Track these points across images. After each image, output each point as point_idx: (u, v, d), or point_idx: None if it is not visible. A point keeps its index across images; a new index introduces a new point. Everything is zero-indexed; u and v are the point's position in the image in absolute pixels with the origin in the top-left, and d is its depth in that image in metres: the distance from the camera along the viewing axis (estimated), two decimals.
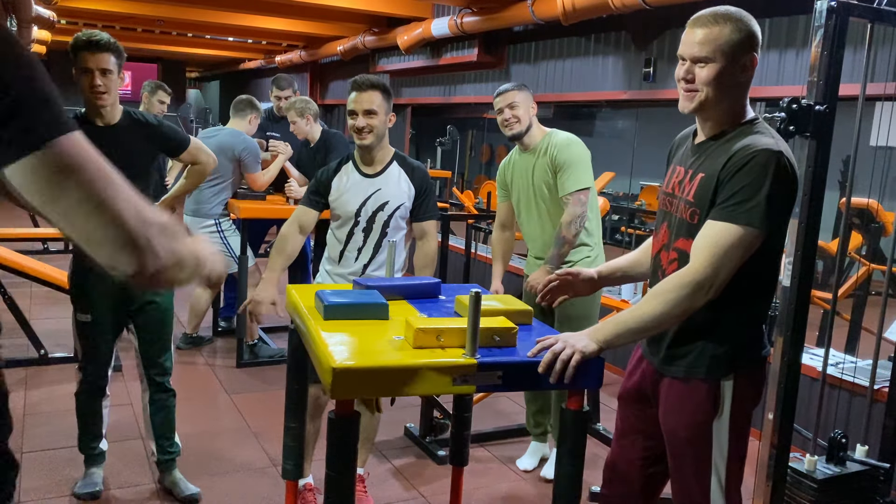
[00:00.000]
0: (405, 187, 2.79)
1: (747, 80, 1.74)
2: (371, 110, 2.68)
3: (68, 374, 4.36)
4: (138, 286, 0.97)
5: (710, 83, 1.71)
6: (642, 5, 4.28)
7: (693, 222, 1.77)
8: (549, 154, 3.17)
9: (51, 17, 7.28)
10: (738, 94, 1.75)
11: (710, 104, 1.73)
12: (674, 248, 1.84)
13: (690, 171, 1.81)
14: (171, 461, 3.04)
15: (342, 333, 1.72)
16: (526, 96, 3.22)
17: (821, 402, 2.88)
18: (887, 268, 3.18)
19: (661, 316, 1.67)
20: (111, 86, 2.64)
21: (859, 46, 3.35)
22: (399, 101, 8.56)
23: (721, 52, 1.69)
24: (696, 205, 1.76)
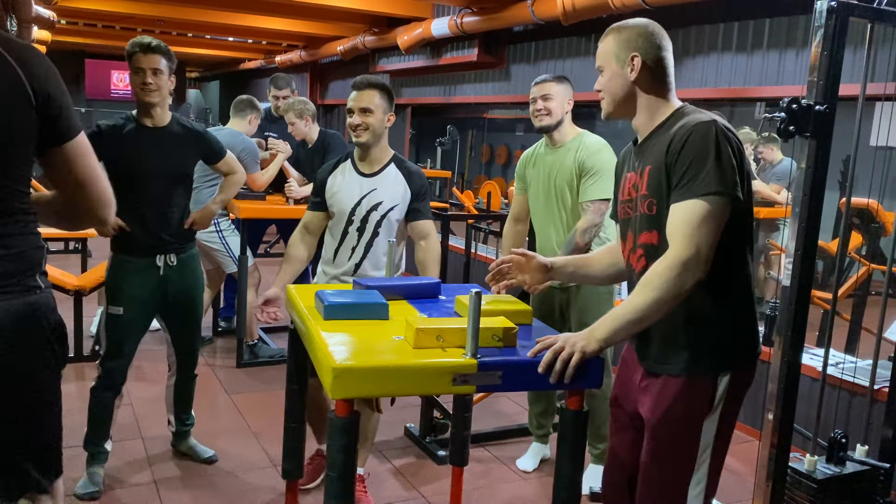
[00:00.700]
0: (401, 189, 2.79)
1: (641, 77, 1.83)
2: (367, 108, 2.70)
3: (68, 374, 4.36)
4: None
5: (605, 88, 1.87)
6: (642, 5, 4.28)
7: (652, 213, 1.79)
8: (578, 156, 3.06)
9: (51, 17, 7.28)
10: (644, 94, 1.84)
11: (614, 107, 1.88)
12: (639, 246, 1.84)
13: (638, 169, 1.85)
14: (187, 432, 3.35)
15: (342, 333, 1.72)
16: (564, 89, 3.11)
17: (821, 402, 2.88)
18: (887, 268, 3.18)
19: (656, 302, 1.66)
20: (161, 84, 2.85)
21: (859, 46, 3.35)
22: (399, 101, 8.56)
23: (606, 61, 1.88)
24: (652, 195, 1.78)
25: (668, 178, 1.73)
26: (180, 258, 3.03)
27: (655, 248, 1.77)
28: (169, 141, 2.92)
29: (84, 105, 13.48)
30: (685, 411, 1.80)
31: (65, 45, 11.60)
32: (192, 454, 3.33)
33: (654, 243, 1.78)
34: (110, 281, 2.97)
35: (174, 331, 3.17)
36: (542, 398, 3.45)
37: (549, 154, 3.19)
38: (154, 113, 2.89)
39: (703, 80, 4.57)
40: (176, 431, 3.33)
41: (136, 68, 2.82)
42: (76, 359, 4.52)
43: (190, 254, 3.10)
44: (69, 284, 4.43)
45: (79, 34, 10.25)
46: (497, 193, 6.78)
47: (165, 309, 3.08)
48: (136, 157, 2.86)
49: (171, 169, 2.96)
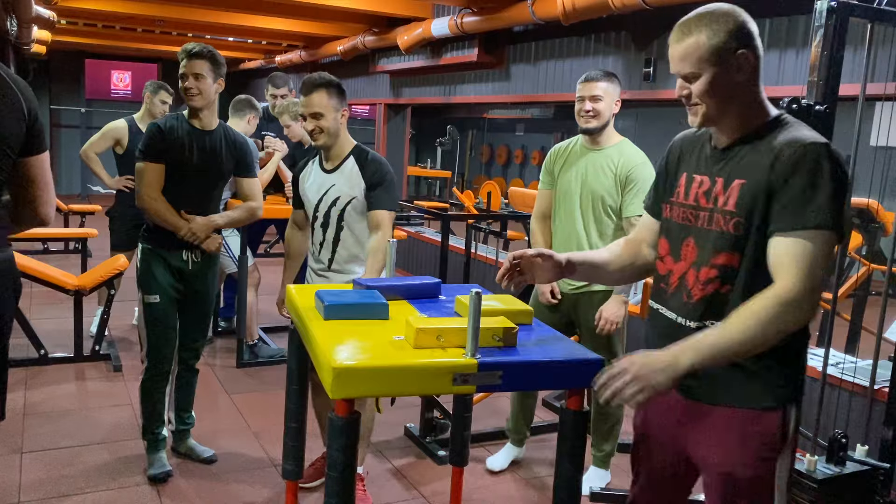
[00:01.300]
0: (356, 181, 2.80)
1: (747, 78, 1.59)
2: (317, 113, 2.73)
3: (68, 374, 4.36)
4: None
5: (705, 94, 1.59)
6: (642, 5, 4.28)
7: (738, 233, 1.59)
8: (622, 165, 2.96)
9: (51, 17, 7.27)
10: (745, 95, 1.60)
11: (715, 114, 1.61)
12: (713, 266, 1.63)
13: (719, 178, 1.64)
14: (187, 431, 3.35)
15: (342, 333, 1.72)
16: (613, 88, 2.98)
17: (821, 402, 2.88)
18: (887, 268, 3.18)
19: (760, 337, 1.48)
20: (203, 88, 2.96)
21: (859, 46, 3.35)
22: (399, 101, 8.56)
23: (705, 62, 1.57)
24: (740, 214, 1.59)
25: (769, 201, 1.54)
26: (204, 255, 3.14)
27: (736, 273, 1.61)
28: (213, 144, 3.06)
29: (84, 105, 13.48)
30: (758, 450, 1.62)
31: (65, 45, 11.58)
32: (191, 454, 3.33)
33: (736, 266, 1.60)
34: (143, 273, 3.09)
35: (185, 322, 3.21)
36: (526, 409, 3.41)
37: (586, 154, 3.06)
38: (201, 115, 3.03)
39: None
40: (176, 430, 3.34)
41: (181, 74, 2.96)
42: (76, 359, 4.53)
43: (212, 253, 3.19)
44: (69, 284, 4.43)
45: (79, 34, 10.24)
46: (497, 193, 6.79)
47: (182, 300, 3.17)
48: (183, 154, 3.00)
49: (212, 170, 3.08)
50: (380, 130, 8.96)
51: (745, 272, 1.60)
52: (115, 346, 4.81)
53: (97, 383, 4.26)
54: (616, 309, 2.98)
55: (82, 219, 7.64)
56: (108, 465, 3.23)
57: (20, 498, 2.92)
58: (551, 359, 1.67)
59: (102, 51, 12.77)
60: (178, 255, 3.08)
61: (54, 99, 13.37)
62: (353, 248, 2.85)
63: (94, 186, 12.27)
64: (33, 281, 4.46)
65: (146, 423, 3.15)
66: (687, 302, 1.68)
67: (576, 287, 3.09)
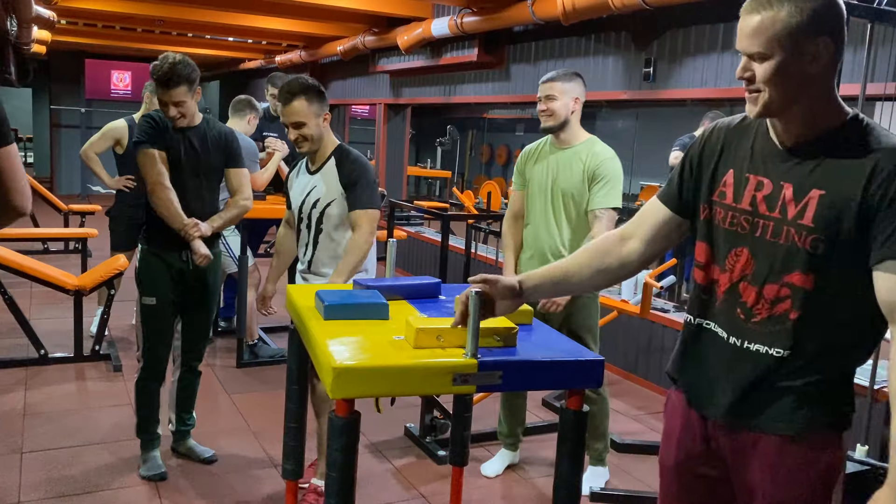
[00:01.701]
0: (335, 184, 2.79)
1: (823, 71, 1.37)
2: (299, 122, 2.72)
3: (68, 374, 4.36)
4: None
5: (770, 81, 1.37)
6: (642, 5, 4.28)
7: (816, 252, 1.39)
8: (588, 161, 3.01)
9: (51, 17, 7.27)
10: (817, 90, 1.39)
11: (778, 106, 1.40)
12: (785, 284, 1.43)
13: (787, 183, 1.43)
14: (187, 432, 3.36)
15: (342, 333, 1.72)
16: (570, 88, 3.00)
17: None
18: None
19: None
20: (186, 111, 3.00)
21: (859, 46, 3.35)
22: (399, 101, 8.56)
23: (778, 43, 1.35)
24: (820, 231, 1.38)
25: (861, 221, 1.34)
26: None
27: (808, 297, 1.41)
28: (199, 140, 3.05)
29: (84, 105, 13.47)
30: (816, 480, 1.46)
31: (65, 45, 11.58)
32: (191, 455, 3.34)
33: (810, 289, 1.41)
34: (141, 273, 3.10)
35: (187, 323, 3.22)
36: (516, 411, 3.41)
37: (555, 153, 3.12)
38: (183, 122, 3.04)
39: (703, 80, 4.57)
40: (175, 431, 3.35)
41: (161, 101, 2.96)
42: (76, 359, 4.53)
43: (214, 252, 3.17)
44: (69, 284, 4.43)
45: (79, 34, 10.24)
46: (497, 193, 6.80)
47: (183, 302, 3.17)
48: (171, 153, 3.01)
49: (201, 167, 3.07)
50: (380, 130, 8.96)
51: (819, 299, 1.41)
52: (115, 346, 4.81)
53: (97, 383, 4.26)
54: None
55: (82, 219, 7.64)
56: (108, 465, 3.23)
57: (20, 498, 2.92)
58: (551, 359, 1.67)
59: (102, 51, 12.77)
60: (178, 257, 3.07)
61: (54, 99, 13.37)
62: (332, 251, 2.84)
63: (94, 186, 12.27)
64: (33, 281, 4.46)
65: (140, 422, 3.17)
66: (745, 321, 1.49)
67: None
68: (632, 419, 4.19)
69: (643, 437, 3.89)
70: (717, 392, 1.53)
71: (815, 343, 1.44)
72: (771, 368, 1.46)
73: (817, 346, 1.44)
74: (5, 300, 4.39)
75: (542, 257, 3.09)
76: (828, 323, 1.42)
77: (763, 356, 1.47)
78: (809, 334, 1.43)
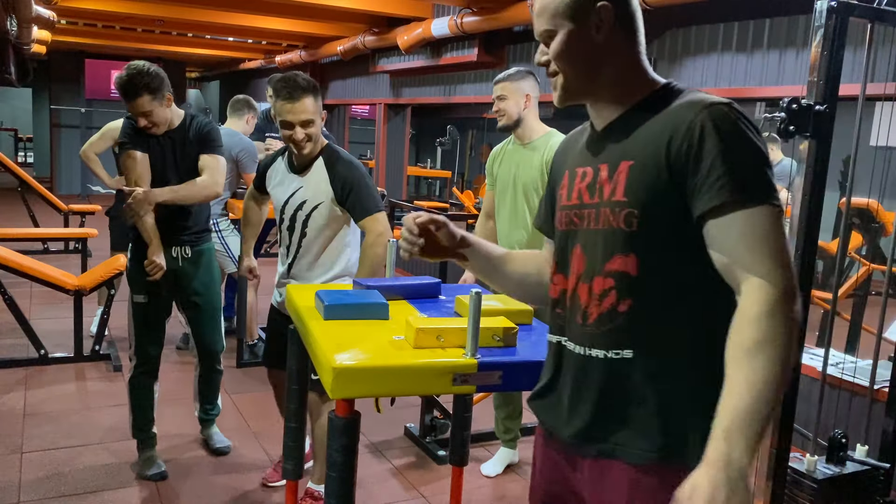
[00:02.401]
0: (324, 187, 2.66)
1: (615, 40, 1.29)
2: (308, 120, 2.59)
3: (68, 374, 4.36)
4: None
5: (561, 58, 1.29)
6: (642, 5, 4.27)
7: (631, 229, 1.23)
8: (546, 154, 3.04)
9: (51, 17, 7.27)
10: (616, 61, 1.29)
11: (577, 86, 1.31)
12: (606, 274, 1.26)
13: (604, 165, 1.29)
14: (211, 420, 3.45)
15: (342, 333, 1.72)
16: (518, 86, 3.04)
17: (821, 402, 2.88)
18: (887, 268, 3.18)
19: (783, 363, 1.10)
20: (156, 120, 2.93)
21: (859, 46, 3.35)
22: (399, 101, 8.56)
23: (560, 16, 1.28)
24: (632, 203, 1.23)
25: (672, 181, 1.20)
26: (195, 250, 3.14)
27: (635, 282, 1.24)
28: (180, 140, 3.02)
29: (84, 105, 13.47)
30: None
31: (65, 45, 11.58)
32: (207, 442, 3.43)
33: (633, 273, 1.24)
34: (131, 271, 3.10)
35: (193, 325, 3.26)
36: (509, 402, 3.41)
37: (517, 151, 3.18)
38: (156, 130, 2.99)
39: (703, 80, 4.57)
40: (200, 418, 3.45)
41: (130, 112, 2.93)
42: (76, 359, 4.53)
43: (205, 247, 3.18)
44: (69, 284, 4.43)
45: (79, 34, 10.24)
46: None
47: (182, 302, 3.20)
48: (153, 154, 3.00)
49: (183, 167, 3.04)
50: (380, 130, 8.96)
51: (648, 282, 1.24)
52: (114, 346, 4.80)
53: (97, 383, 4.26)
54: None
55: (82, 219, 7.64)
56: (108, 465, 3.23)
57: (20, 498, 2.92)
58: None
59: (102, 51, 12.77)
60: (168, 254, 3.05)
61: (54, 99, 13.37)
62: (317, 255, 2.73)
63: (94, 186, 12.27)
64: (33, 281, 4.46)
65: (135, 421, 3.18)
66: (584, 325, 1.30)
67: None
68: None
69: None
70: (572, 415, 1.32)
71: (661, 337, 1.24)
72: (616, 377, 1.26)
73: (665, 341, 1.24)
74: (5, 300, 4.39)
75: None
76: (668, 308, 1.23)
77: (604, 362, 1.27)
78: (651, 328, 1.24)
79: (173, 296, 3.17)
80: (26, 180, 8.00)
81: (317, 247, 2.72)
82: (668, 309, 1.23)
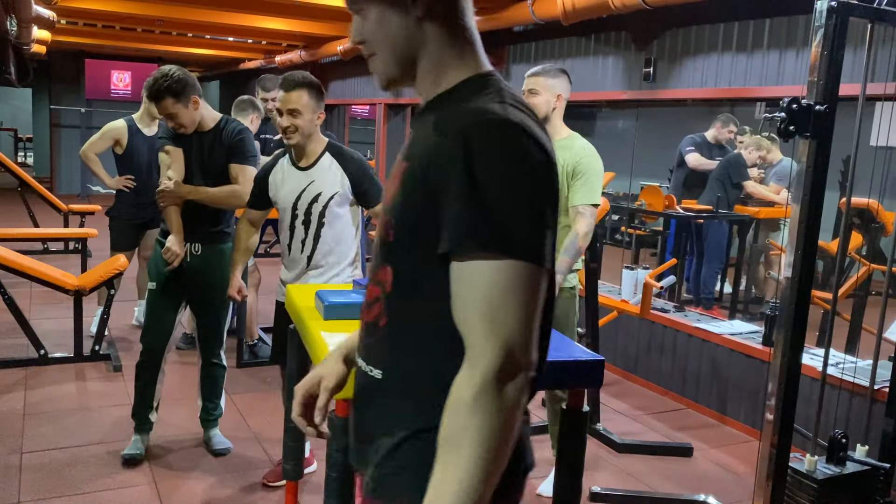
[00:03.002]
0: (338, 177, 2.83)
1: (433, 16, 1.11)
2: (294, 109, 2.74)
3: (68, 374, 4.36)
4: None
5: (376, 36, 1.13)
6: (642, 5, 4.27)
7: (389, 239, 1.10)
8: (569, 157, 2.99)
9: (51, 17, 7.27)
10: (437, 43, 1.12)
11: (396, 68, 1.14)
12: (375, 282, 1.15)
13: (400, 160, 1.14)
14: (213, 421, 3.45)
15: (342, 333, 1.72)
16: (553, 84, 3.00)
17: (821, 402, 2.88)
18: (887, 268, 3.18)
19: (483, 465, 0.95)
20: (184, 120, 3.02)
21: (859, 46, 3.35)
22: (399, 101, 8.56)
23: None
24: (390, 211, 1.10)
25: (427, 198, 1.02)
26: (205, 249, 3.21)
27: (390, 297, 1.11)
28: (209, 143, 3.13)
29: (84, 105, 13.47)
30: None
31: (65, 45, 11.57)
32: (207, 444, 3.43)
33: (389, 288, 1.11)
34: (152, 257, 3.27)
35: (199, 320, 3.34)
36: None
37: None
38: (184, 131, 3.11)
39: (703, 80, 4.57)
40: (201, 418, 3.46)
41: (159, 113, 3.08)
42: (76, 359, 4.53)
43: (216, 248, 3.24)
44: (69, 284, 4.43)
45: (79, 34, 10.23)
46: None
47: (190, 297, 3.28)
48: (185, 153, 3.11)
49: (210, 168, 3.13)
50: (380, 130, 8.96)
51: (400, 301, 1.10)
52: (114, 346, 4.81)
53: (97, 383, 4.26)
54: None
55: (82, 219, 7.64)
56: (108, 465, 3.23)
57: (20, 498, 2.92)
58: (551, 359, 1.66)
59: (102, 51, 12.76)
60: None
61: (54, 99, 13.36)
62: (332, 244, 2.87)
63: (93, 186, 12.27)
64: (33, 281, 4.46)
65: (134, 404, 3.29)
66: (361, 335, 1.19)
67: None
68: (632, 419, 4.19)
69: (643, 437, 3.89)
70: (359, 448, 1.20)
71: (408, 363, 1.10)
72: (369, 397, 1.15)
73: (411, 368, 1.10)
74: (5, 300, 4.39)
75: None
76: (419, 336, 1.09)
77: (367, 377, 1.15)
78: (402, 348, 1.10)
79: (182, 289, 3.23)
80: (26, 180, 8.00)
81: (332, 236, 2.86)
82: (418, 336, 1.09)
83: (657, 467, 3.56)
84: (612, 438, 3.73)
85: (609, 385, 4.70)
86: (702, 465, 3.63)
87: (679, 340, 4.50)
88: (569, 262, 3.02)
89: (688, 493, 3.29)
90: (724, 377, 4.21)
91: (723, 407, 4.22)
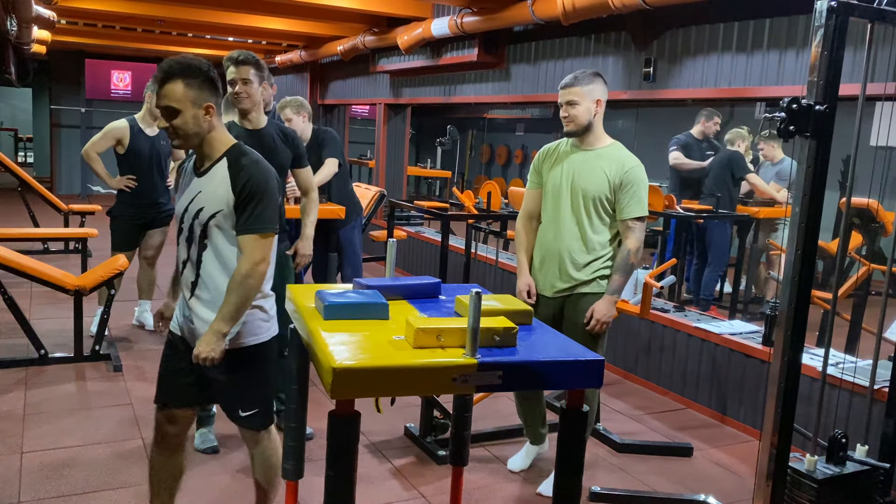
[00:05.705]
0: (223, 192, 2.22)
1: None
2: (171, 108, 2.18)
3: (68, 374, 4.36)
4: None
5: None
6: (642, 5, 4.27)
7: None
8: (616, 167, 2.96)
9: (51, 17, 7.27)
10: None
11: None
12: None
13: None
14: (203, 418, 3.48)
15: (342, 333, 1.72)
16: (590, 90, 2.93)
17: (821, 402, 2.88)
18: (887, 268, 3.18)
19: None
20: (251, 92, 3.22)
21: (859, 46, 3.35)
22: (399, 101, 8.56)
23: None
24: None
25: None
26: None
27: None
28: (267, 141, 3.26)
29: (84, 105, 13.47)
30: None
31: (65, 45, 11.57)
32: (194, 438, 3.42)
33: None
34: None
35: None
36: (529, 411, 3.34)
37: (576, 154, 3.06)
38: (250, 118, 3.29)
39: (703, 80, 4.57)
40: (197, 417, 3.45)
41: (229, 80, 3.20)
42: (76, 359, 4.52)
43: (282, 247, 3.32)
44: (69, 284, 4.43)
45: (79, 34, 10.23)
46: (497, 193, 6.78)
47: None
48: None
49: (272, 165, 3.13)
50: (380, 130, 8.96)
51: None
52: (115, 346, 4.81)
53: (97, 383, 4.26)
54: (607, 309, 3.00)
55: (82, 219, 7.64)
56: (108, 465, 3.23)
57: (20, 498, 2.92)
58: (551, 359, 1.67)
59: (102, 51, 12.76)
60: None
61: (54, 99, 13.36)
62: (218, 275, 2.27)
63: (94, 186, 12.25)
64: (33, 281, 4.46)
65: None
66: None
67: (560, 290, 3.09)
68: (632, 419, 4.19)
69: (643, 437, 3.89)
70: None
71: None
72: None
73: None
74: (5, 300, 4.39)
75: (557, 258, 3.06)
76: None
77: None
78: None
79: None
80: (26, 180, 8.00)
81: (217, 265, 2.27)
82: None
83: (657, 467, 3.56)
84: (611, 438, 3.74)
85: (609, 385, 4.70)
86: (702, 465, 3.63)
87: (679, 340, 4.50)
88: (622, 282, 2.99)
89: (688, 493, 3.29)
90: (723, 377, 4.21)
91: (723, 407, 4.22)
